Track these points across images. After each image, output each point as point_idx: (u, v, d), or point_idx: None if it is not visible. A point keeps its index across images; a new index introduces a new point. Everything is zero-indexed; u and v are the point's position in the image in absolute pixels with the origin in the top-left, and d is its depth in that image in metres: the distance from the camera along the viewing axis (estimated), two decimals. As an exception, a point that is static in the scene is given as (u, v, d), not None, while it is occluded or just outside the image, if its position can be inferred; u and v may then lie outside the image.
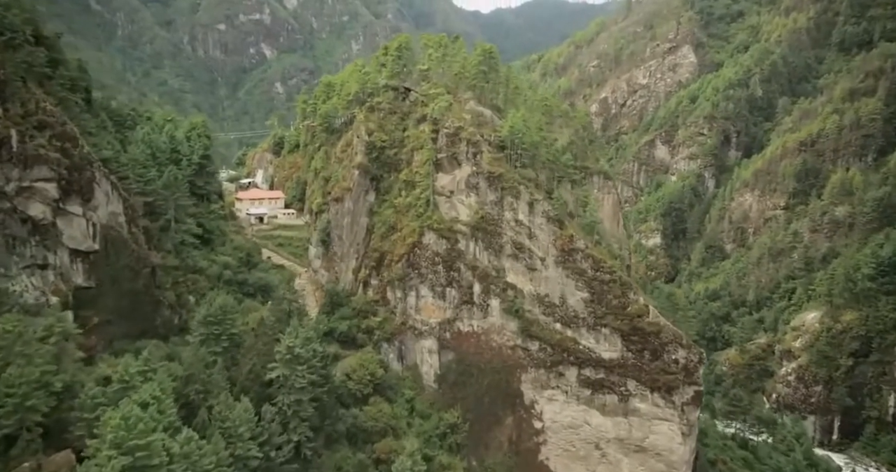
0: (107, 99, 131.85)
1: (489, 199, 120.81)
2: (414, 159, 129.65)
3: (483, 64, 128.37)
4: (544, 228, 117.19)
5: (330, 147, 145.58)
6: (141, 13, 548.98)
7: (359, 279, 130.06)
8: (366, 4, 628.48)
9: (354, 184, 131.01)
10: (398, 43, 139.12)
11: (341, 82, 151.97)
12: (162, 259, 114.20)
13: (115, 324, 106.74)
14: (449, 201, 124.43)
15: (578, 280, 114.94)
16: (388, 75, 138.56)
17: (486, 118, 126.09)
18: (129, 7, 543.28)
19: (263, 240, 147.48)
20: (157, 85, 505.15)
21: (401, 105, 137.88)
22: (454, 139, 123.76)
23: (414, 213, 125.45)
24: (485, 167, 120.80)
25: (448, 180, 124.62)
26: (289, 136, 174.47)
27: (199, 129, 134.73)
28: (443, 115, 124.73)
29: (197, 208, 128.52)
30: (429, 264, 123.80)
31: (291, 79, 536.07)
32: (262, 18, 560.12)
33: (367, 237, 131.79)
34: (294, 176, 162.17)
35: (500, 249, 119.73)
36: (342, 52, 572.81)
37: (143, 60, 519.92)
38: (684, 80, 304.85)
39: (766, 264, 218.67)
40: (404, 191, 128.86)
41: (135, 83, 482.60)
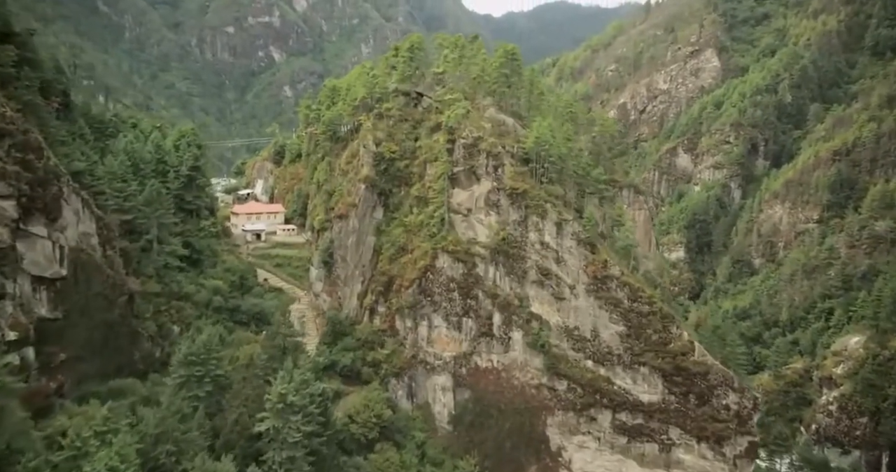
0: (87, 104, 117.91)
1: (511, 218, 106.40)
2: (427, 173, 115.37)
3: (505, 66, 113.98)
4: (574, 252, 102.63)
5: (334, 157, 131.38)
6: (149, 15, 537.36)
7: (364, 306, 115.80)
8: (376, 7, 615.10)
9: (360, 199, 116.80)
10: (410, 43, 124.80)
11: (347, 86, 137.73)
12: (142, 285, 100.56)
13: (86, 361, 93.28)
14: (466, 221, 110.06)
15: (613, 312, 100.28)
16: (398, 79, 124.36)
17: (508, 127, 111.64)
18: (136, 9, 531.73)
19: (260, 259, 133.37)
20: (163, 88, 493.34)
21: (412, 112, 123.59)
22: (472, 151, 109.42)
23: (426, 233, 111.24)
24: (507, 183, 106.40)
25: (465, 197, 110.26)
26: (290, 144, 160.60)
27: (189, 137, 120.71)
28: (460, 123, 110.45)
29: (185, 226, 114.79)
30: (443, 290, 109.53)
31: (300, 82, 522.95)
32: (272, 21, 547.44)
33: (373, 259, 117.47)
34: (295, 188, 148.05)
35: (524, 275, 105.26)
36: (352, 55, 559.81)
37: (150, 63, 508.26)
38: (707, 85, 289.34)
39: (799, 282, 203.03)
40: (416, 208, 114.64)
41: (141, 86, 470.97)
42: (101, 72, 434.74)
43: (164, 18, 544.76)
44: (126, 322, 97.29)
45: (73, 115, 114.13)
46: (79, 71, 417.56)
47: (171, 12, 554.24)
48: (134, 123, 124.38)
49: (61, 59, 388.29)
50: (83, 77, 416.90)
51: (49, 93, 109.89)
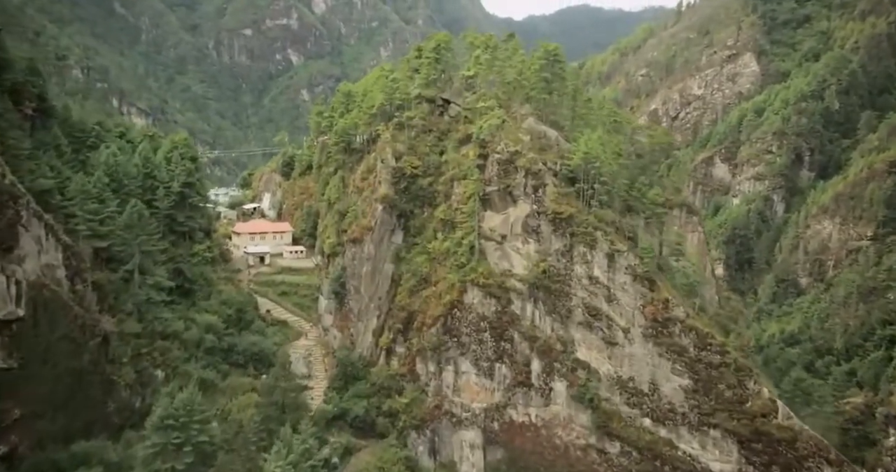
0: (67, 109, 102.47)
1: (554, 247, 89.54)
2: (454, 192, 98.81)
3: (546, 69, 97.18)
4: (629, 289, 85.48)
5: (347, 172, 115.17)
6: (166, 17, 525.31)
7: (380, 345, 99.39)
8: (396, 10, 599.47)
9: (377, 222, 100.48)
10: (436, 43, 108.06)
11: (363, 92, 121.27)
12: (119, 324, 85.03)
13: (46, 418, 78.20)
14: (500, 249, 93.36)
15: (676, 361, 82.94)
16: (421, 83, 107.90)
17: (549, 140, 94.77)
18: (153, 11, 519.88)
19: (263, 287, 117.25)
20: (179, 91, 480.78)
21: (438, 122, 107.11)
22: (508, 168, 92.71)
23: (453, 262, 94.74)
24: (549, 205, 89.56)
25: (499, 221, 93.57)
26: (300, 155, 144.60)
27: (182, 149, 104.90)
28: (493, 135, 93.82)
29: (176, 250, 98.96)
30: (472, 330, 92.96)
31: (318, 86, 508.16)
32: (290, 23, 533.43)
33: (391, 291, 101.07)
34: (305, 204, 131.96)
35: (568, 314, 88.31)
36: (370, 58, 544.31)
37: (166, 66, 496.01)
38: (745, 90, 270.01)
39: (854, 305, 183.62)
40: (441, 233, 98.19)
41: (156, 89, 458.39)
42: (116, 75, 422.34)
43: (182, 21, 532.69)
44: (98, 370, 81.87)
45: (50, 122, 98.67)
46: (92, 73, 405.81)
47: (188, 14, 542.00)
48: (121, 132, 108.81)
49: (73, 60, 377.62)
50: (97, 80, 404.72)
51: (21, 97, 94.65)
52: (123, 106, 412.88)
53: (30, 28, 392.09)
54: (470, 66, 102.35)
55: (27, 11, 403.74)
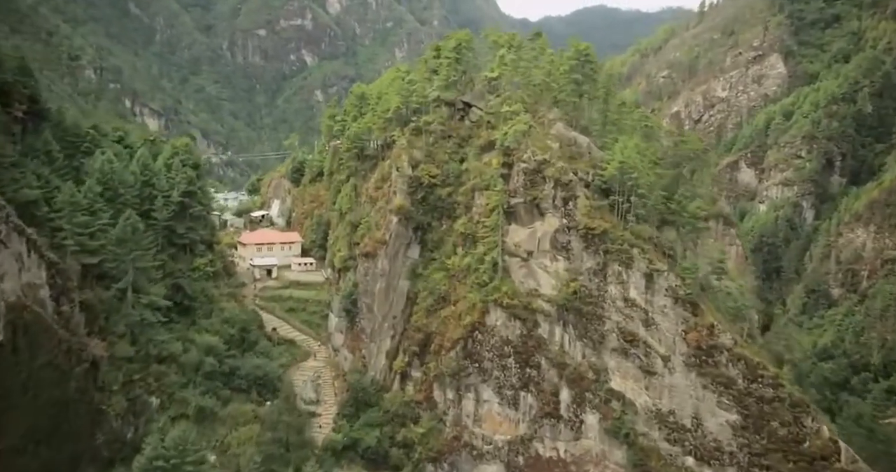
0: (61, 112, 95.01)
1: (586, 265, 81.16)
2: (475, 203, 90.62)
3: (576, 70, 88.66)
4: (669, 313, 76.93)
5: (360, 180, 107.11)
6: (181, 18, 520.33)
7: (395, 369, 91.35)
8: (411, 10, 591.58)
9: (392, 235, 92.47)
10: (457, 42, 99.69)
11: (378, 94, 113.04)
12: (109, 348, 77.27)
13: (27, 453, 70.76)
14: (526, 266, 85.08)
15: (723, 394, 74.29)
16: (441, 85, 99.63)
17: (580, 148, 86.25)
18: (168, 11, 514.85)
19: (269, 302, 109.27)
20: (193, 92, 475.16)
21: (458, 127, 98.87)
22: (535, 178, 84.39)
23: (475, 280, 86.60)
24: (580, 219, 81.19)
25: (525, 236, 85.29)
26: (311, 160, 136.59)
27: (183, 155, 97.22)
28: (519, 142, 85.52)
29: (175, 265, 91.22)
30: (495, 355, 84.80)
31: (332, 87, 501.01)
32: (304, 24, 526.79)
33: (407, 310, 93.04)
34: (315, 213, 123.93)
35: (602, 340, 79.91)
36: (385, 59, 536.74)
37: (180, 66, 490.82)
38: (771, 93, 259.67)
39: (892, 319, 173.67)
40: (461, 248, 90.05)
41: (170, 90, 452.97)
42: (129, 75, 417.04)
43: (196, 21, 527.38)
44: (86, 398, 74.37)
45: (42, 126, 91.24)
46: (105, 74, 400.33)
47: (202, 15, 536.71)
48: (120, 137, 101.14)
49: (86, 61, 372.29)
50: (109, 80, 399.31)
51: (10, 98, 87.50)
52: (136, 107, 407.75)
53: (43, 28, 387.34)
54: (493, 66, 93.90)
55: (40, 11, 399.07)
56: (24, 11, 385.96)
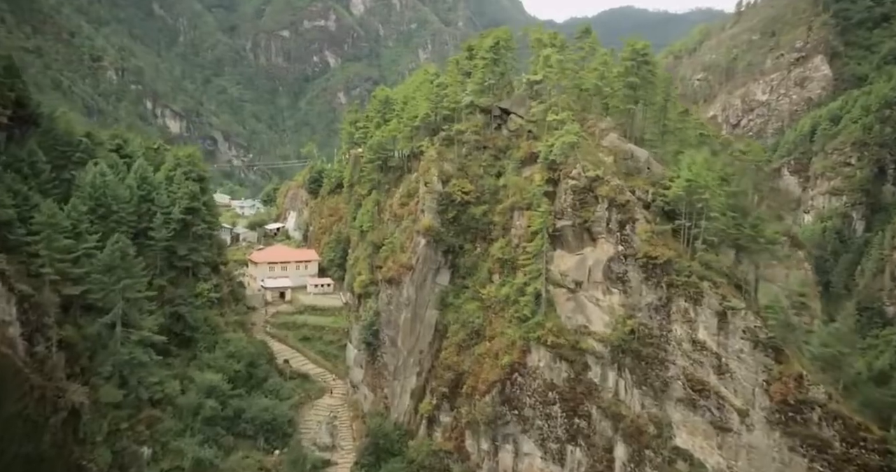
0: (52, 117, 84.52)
1: (646, 300, 68.96)
2: (515, 225, 78.79)
3: (631, 72, 76.47)
4: (747, 359, 64.43)
5: (383, 194, 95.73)
6: (204, 18, 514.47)
7: (421, 412, 79.71)
8: (435, 11, 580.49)
9: (419, 258, 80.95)
10: (495, 40, 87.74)
11: (404, 99, 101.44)
12: (93, 393, 66.36)
13: (-6, 520, 59.28)
14: (574, 299, 73.09)
15: (815, 459, 61.45)
16: (475, 90, 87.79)
17: (638, 163, 74.01)
18: (192, 12, 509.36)
19: (281, 329, 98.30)
20: (216, 93, 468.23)
21: (495, 137, 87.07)
22: (586, 197, 72.32)
23: (514, 313, 74.81)
24: (639, 246, 68.99)
25: (573, 264, 73.32)
26: (330, 170, 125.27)
27: (184, 167, 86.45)
28: (567, 155, 73.49)
29: (175, 290, 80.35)
30: (537, 401, 72.96)
31: (355, 89, 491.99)
32: (327, 25, 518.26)
33: (435, 343, 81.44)
34: (334, 228, 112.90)
35: (665, 388, 67.63)
36: (409, 60, 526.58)
37: (203, 67, 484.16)
38: (815, 96, 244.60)
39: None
40: (498, 275, 78.32)
41: (192, 91, 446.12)
42: (151, 76, 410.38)
43: (220, 22, 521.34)
44: (64, 453, 63.61)
45: (30, 133, 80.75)
46: (127, 75, 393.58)
47: (226, 16, 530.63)
48: (118, 145, 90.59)
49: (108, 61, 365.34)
50: (131, 81, 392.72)
51: (-11, 103, 77.45)
52: (157, 108, 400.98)
53: (65, 28, 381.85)
54: (536, 68, 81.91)
55: (63, 11, 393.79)
56: (47, 12, 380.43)
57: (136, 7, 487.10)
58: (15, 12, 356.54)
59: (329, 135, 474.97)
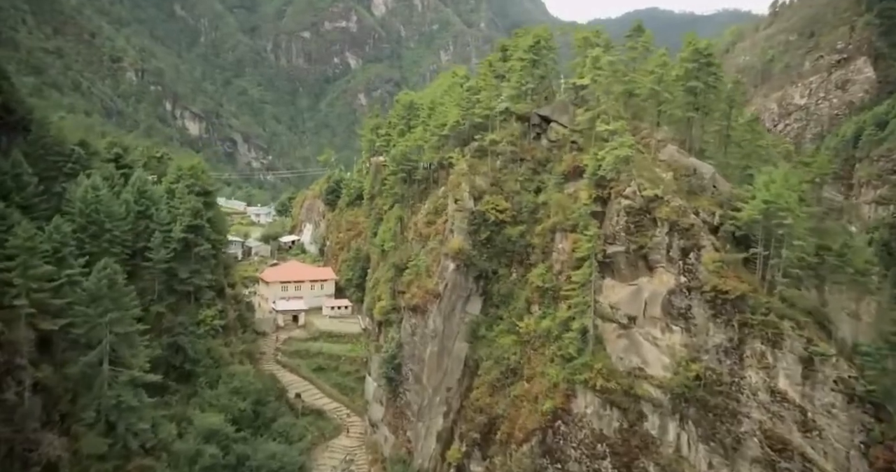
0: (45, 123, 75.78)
1: (713, 341, 58.67)
2: (557, 249, 68.89)
3: (692, 76, 66.22)
4: (840, 415, 53.92)
5: (407, 210, 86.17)
6: (225, 19, 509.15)
7: (448, 460, 69.93)
8: (457, 12, 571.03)
9: (447, 285, 71.23)
10: (535, 39, 77.64)
11: (430, 104, 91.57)
12: (72, 444, 57.33)
13: None
14: (627, 337, 63.05)
15: (922, 541, 51.31)
16: (511, 95, 77.85)
17: (702, 180, 63.72)
18: (213, 13, 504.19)
19: (293, 358, 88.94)
20: (236, 94, 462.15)
21: (533, 148, 77.03)
22: (643, 220, 62.30)
23: (556, 351, 64.93)
24: (706, 278, 58.75)
25: (627, 296, 63.30)
26: (349, 180, 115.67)
27: (187, 180, 77.44)
28: (619, 171, 63.48)
29: (175, 317, 71.33)
30: (584, 454, 62.87)
31: (376, 90, 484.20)
32: (349, 26, 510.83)
33: (464, 382, 71.71)
34: (353, 243, 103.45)
35: (737, 445, 57.25)
36: (430, 62, 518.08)
37: (224, 68, 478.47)
38: (858, 100, 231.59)
39: None
40: (538, 306, 68.40)
41: (212, 92, 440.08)
42: (171, 77, 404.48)
43: (241, 23, 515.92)
44: (37, 517, 54.90)
45: (17, 141, 72.11)
46: (147, 76, 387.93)
47: (247, 16, 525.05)
48: (117, 154, 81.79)
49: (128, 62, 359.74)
50: (151, 82, 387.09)
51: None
52: (177, 109, 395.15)
53: (86, 29, 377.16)
54: (583, 71, 71.84)
55: (84, 12, 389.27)
56: (68, 13, 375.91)
57: (157, 8, 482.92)
58: (36, 13, 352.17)
59: (349, 137, 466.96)
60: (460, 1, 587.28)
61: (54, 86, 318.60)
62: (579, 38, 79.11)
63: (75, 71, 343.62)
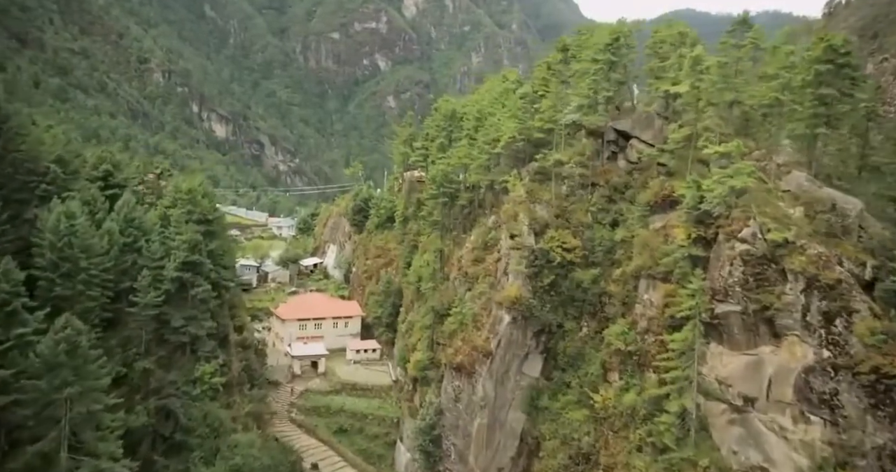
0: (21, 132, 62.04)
1: (874, 441, 43.08)
2: (642, 300, 53.55)
3: (825, 81, 50.52)
4: None
5: (450, 242, 71.27)
6: (255, 20, 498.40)
7: None
8: (489, 13, 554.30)
9: (500, 341, 56.26)
10: (613, 36, 61.80)
11: (478, 113, 75.54)
12: None
13: None
14: (742, 423, 47.60)
15: None
16: (581, 105, 62.54)
17: (846, 219, 47.88)
18: (243, 14, 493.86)
19: (311, 416, 73.88)
20: (264, 96, 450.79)
21: (608, 171, 61.72)
22: (766, 271, 46.81)
23: (645, 436, 49.62)
24: (860, 353, 43.20)
25: (741, 369, 47.90)
26: (377, 200, 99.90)
27: (184, 203, 63.20)
28: (730, 204, 48.06)
29: (165, 375, 57.11)
30: None
31: (405, 92, 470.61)
32: (379, 27, 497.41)
33: (520, 461, 56.73)
34: (383, 273, 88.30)
35: None
36: (461, 64, 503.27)
37: (252, 70, 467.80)
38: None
39: None
40: (618, 374, 53.18)
41: (240, 94, 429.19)
42: (199, 79, 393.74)
43: (270, 24, 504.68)
44: None
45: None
46: (174, 77, 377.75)
47: (276, 18, 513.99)
48: (106, 172, 67.83)
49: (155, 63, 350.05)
50: (178, 84, 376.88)
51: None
52: (204, 111, 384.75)
53: (114, 29, 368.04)
54: (680, 76, 56.33)
55: (112, 12, 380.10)
56: (96, 13, 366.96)
57: (187, 9, 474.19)
58: (64, 13, 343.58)
59: (377, 140, 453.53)
60: (492, 2, 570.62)
61: (80, 87, 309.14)
62: (671, 34, 63.56)
63: (101, 72, 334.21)
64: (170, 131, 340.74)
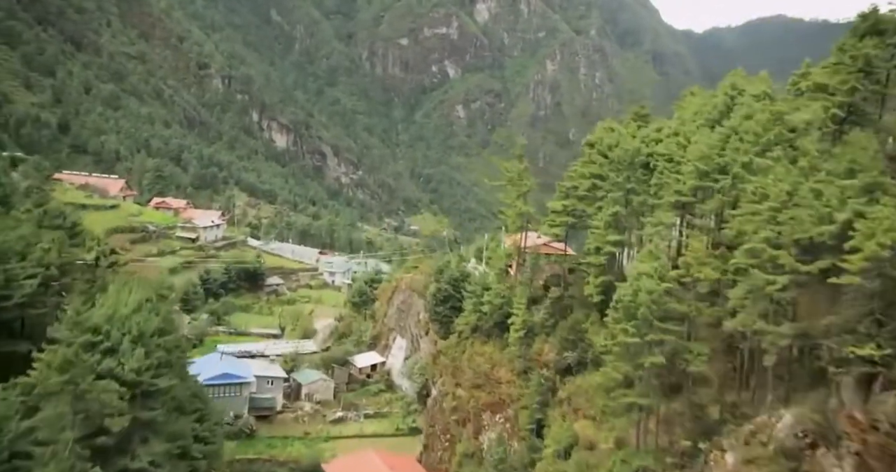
0: None
1: None
2: None
3: None
4: None
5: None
6: (321, 25, 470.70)
7: None
8: (566, 19, 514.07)
9: None
10: None
11: (672, 149, 36.57)
12: None
13: None
14: None
15: None
16: None
17: None
18: (309, 19, 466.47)
19: None
20: (328, 104, 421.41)
21: None
22: None
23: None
24: None
25: None
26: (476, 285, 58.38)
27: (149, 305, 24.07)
28: None
29: None
30: None
31: (475, 102, 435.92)
32: (449, 33, 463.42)
33: None
34: (486, 419, 49.81)
35: None
36: (535, 72, 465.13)
37: (317, 77, 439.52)
38: None
39: None
40: None
41: (303, 102, 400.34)
42: (260, 86, 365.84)
43: (337, 29, 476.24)
44: None
45: None
46: (234, 83, 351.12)
47: (344, 23, 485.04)
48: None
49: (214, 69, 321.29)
50: (238, 91, 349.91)
51: None
52: (264, 120, 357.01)
53: (174, 33, 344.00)
54: None
55: (173, 15, 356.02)
56: (157, 15, 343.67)
57: (253, 13, 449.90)
58: (123, 16, 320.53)
59: (444, 152, 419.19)
60: (569, 6, 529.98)
61: (134, 93, 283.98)
62: None
63: (158, 78, 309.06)
64: (227, 141, 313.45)
